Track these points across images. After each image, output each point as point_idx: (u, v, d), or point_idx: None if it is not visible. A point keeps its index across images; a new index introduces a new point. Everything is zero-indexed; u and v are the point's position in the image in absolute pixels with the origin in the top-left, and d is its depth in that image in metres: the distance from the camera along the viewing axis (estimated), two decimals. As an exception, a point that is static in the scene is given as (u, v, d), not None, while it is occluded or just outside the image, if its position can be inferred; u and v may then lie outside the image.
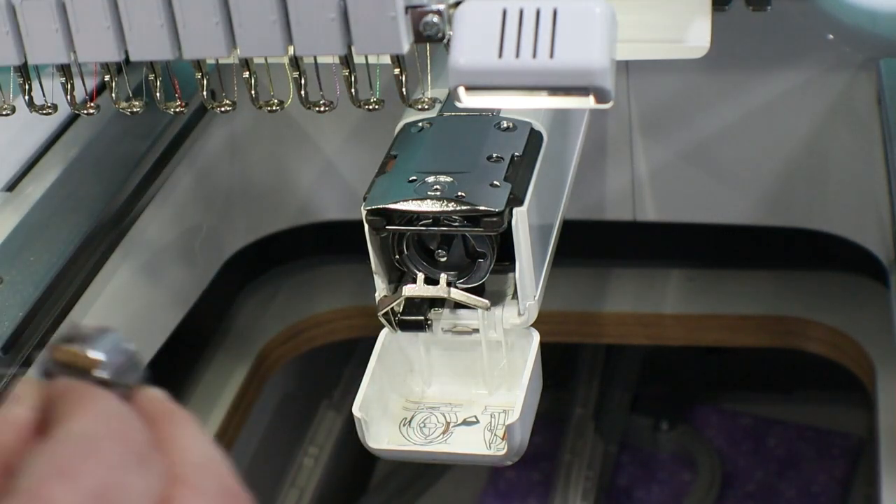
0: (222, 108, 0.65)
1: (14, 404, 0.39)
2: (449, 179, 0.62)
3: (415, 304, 0.64)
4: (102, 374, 0.40)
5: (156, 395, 0.41)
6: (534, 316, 0.64)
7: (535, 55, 0.51)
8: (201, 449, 0.39)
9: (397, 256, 0.63)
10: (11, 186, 0.82)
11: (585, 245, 1.05)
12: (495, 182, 0.61)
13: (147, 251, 0.88)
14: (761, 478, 1.20)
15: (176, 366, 0.99)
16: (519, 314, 0.63)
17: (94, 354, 0.40)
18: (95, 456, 0.36)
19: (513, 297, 0.64)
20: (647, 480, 1.22)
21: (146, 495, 0.36)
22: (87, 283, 0.77)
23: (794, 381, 1.26)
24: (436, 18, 0.54)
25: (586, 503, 1.13)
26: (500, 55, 0.52)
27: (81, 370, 0.40)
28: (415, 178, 0.62)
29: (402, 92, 0.61)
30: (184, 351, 0.99)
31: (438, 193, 0.61)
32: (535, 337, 0.64)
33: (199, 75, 0.62)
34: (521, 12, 0.52)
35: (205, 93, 0.63)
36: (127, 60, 0.60)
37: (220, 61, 0.60)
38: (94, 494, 0.35)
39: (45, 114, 0.66)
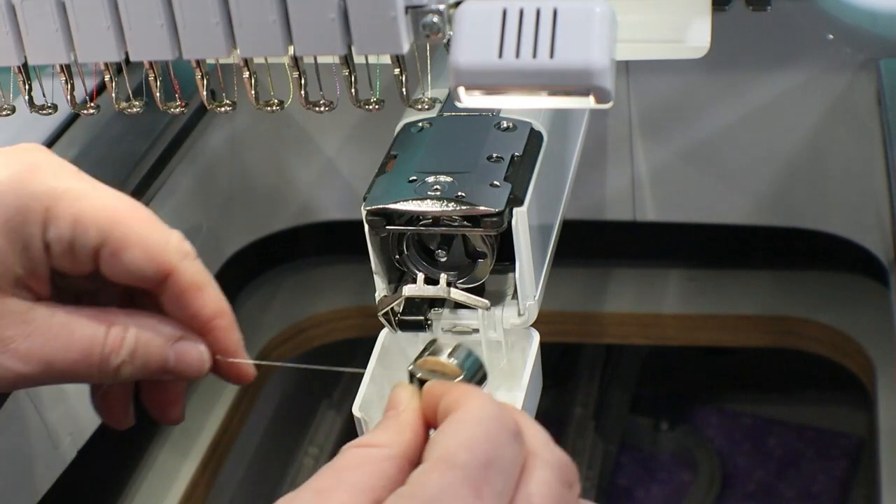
0: (222, 108, 0.65)
1: (399, 410, 0.52)
2: (449, 179, 0.62)
3: (415, 304, 0.64)
4: (462, 379, 0.52)
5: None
6: (534, 316, 0.64)
7: (535, 55, 0.51)
8: (540, 432, 0.51)
9: (397, 256, 0.63)
10: (11, 186, 0.82)
11: (585, 245, 1.05)
12: (495, 182, 0.61)
13: (147, 251, 0.87)
14: (761, 478, 1.20)
15: (176, 366, 0.99)
16: (519, 314, 0.63)
17: (456, 363, 0.52)
18: (489, 430, 0.48)
19: (513, 297, 0.64)
20: (647, 480, 1.22)
21: (516, 461, 0.49)
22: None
23: (794, 381, 1.26)
24: (436, 18, 0.54)
25: (586, 503, 1.13)
26: (500, 55, 0.52)
27: (447, 376, 0.52)
28: (415, 178, 0.62)
29: (402, 92, 0.61)
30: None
31: (438, 193, 0.61)
32: (535, 337, 0.64)
33: (199, 75, 0.62)
34: (522, 12, 0.52)
35: (205, 93, 0.63)
36: (127, 60, 0.60)
37: (220, 61, 0.60)
38: (488, 459, 0.47)
39: (46, 114, 0.66)
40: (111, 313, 0.58)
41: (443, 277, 0.63)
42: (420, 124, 0.68)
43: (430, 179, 0.62)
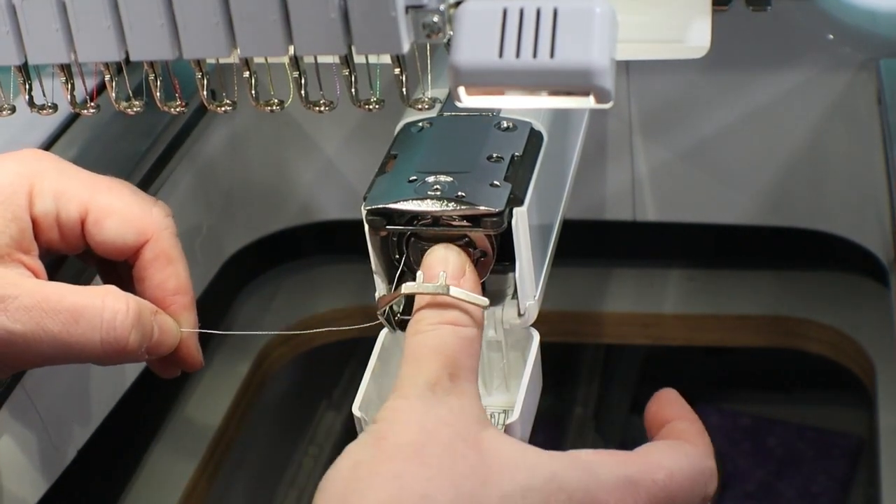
0: (222, 108, 0.65)
1: (471, 286, 0.59)
2: (449, 179, 0.62)
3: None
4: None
5: None
6: (534, 316, 0.64)
7: (535, 55, 0.51)
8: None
9: (397, 256, 0.63)
10: (12, 186, 0.82)
11: (585, 245, 1.05)
12: (495, 182, 0.61)
13: (147, 251, 0.87)
14: (761, 478, 1.20)
15: (176, 366, 0.99)
16: (519, 314, 0.63)
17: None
18: (698, 483, 0.56)
19: (513, 297, 0.64)
20: (647, 480, 1.22)
21: None
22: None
23: (794, 381, 1.26)
24: (436, 18, 0.54)
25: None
26: (501, 55, 0.52)
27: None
28: (415, 177, 0.62)
29: (402, 92, 0.61)
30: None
31: (438, 193, 0.61)
32: (535, 337, 0.64)
33: (199, 75, 0.62)
34: (522, 12, 0.52)
35: (205, 93, 0.63)
36: (127, 60, 0.60)
37: (220, 61, 0.60)
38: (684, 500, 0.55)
39: (46, 114, 0.66)
40: (103, 287, 0.61)
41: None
42: (420, 124, 0.68)
43: (430, 179, 0.62)
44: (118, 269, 0.67)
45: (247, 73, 0.61)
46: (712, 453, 0.58)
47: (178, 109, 0.65)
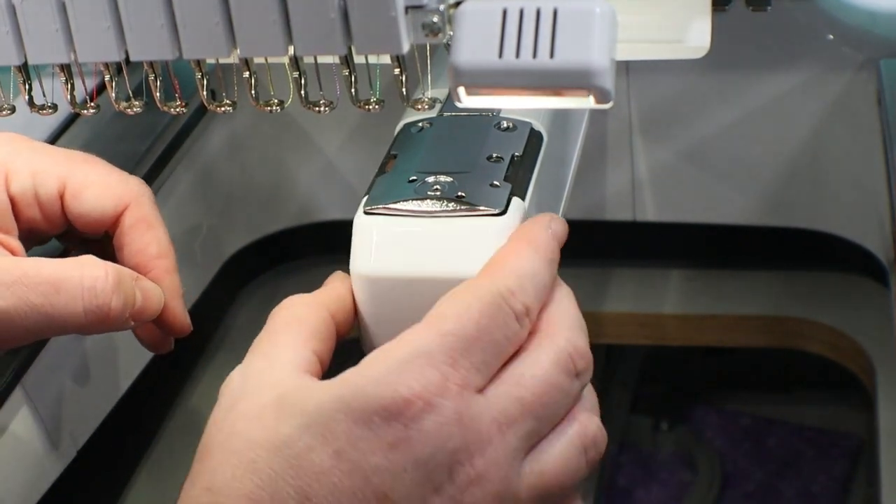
0: (222, 108, 0.65)
1: None
2: (449, 179, 0.62)
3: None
4: None
5: None
6: (534, 316, 0.64)
7: (535, 55, 0.51)
8: (567, 316, 0.54)
9: (397, 256, 0.63)
10: (12, 186, 0.82)
11: (585, 245, 1.05)
12: (495, 182, 0.61)
13: (147, 251, 0.87)
14: (761, 478, 1.20)
15: (176, 366, 0.99)
16: (519, 314, 0.63)
17: None
18: (488, 306, 0.50)
19: (513, 297, 0.64)
20: (647, 480, 1.22)
21: (510, 340, 0.50)
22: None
23: (794, 381, 1.26)
24: (436, 18, 0.54)
25: (586, 503, 1.13)
26: (501, 55, 0.52)
27: None
28: (415, 177, 0.62)
29: (402, 92, 0.61)
30: (184, 351, 0.99)
31: (438, 193, 0.61)
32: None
33: (199, 75, 0.62)
34: (522, 12, 0.52)
35: (205, 93, 0.63)
36: (127, 60, 0.60)
37: (220, 61, 0.60)
38: (476, 333, 0.49)
39: (46, 114, 0.66)
40: (81, 257, 0.61)
41: None
42: (420, 124, 0.68)
43: (430, 179, 0.62)
44: (104, 248, 0.67)
45: (247, 74, 0.61)
46: (525, 249, 0.54)
47: (178, 109, 0.65)
